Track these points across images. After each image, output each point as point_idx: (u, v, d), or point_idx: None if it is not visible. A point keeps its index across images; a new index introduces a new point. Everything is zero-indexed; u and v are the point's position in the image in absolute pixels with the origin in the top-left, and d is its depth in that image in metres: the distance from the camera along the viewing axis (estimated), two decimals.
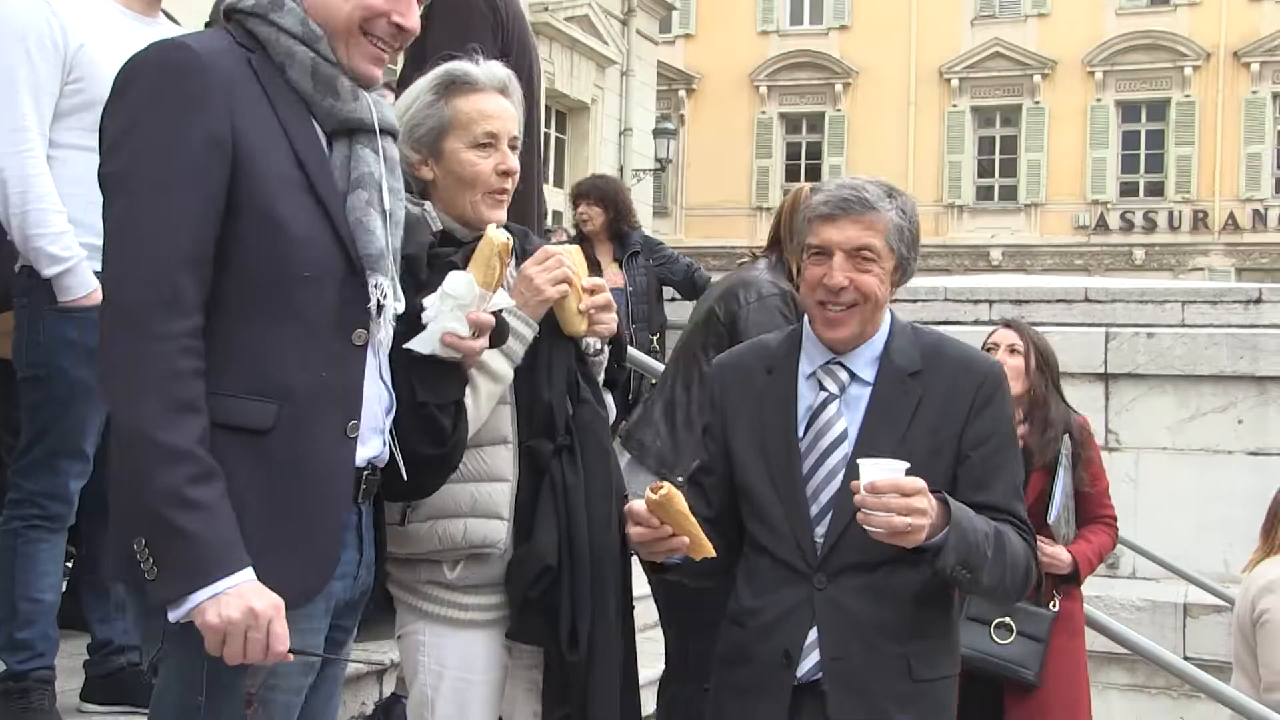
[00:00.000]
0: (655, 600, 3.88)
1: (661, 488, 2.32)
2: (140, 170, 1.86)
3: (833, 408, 2.51)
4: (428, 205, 2.51)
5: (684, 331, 4.12)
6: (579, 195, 7.49)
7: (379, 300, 1.99)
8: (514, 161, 2.54)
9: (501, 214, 2.55)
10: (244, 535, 1.83)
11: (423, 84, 2.56)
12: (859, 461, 2.31)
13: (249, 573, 1.82)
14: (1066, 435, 4.32)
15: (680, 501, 2.34)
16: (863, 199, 2.47)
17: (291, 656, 1.86)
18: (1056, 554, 4.25)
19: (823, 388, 2.53)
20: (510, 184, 2.54)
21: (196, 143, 1.86)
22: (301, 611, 1.93)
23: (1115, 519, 4.55)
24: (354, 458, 2.00)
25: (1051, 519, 4.23)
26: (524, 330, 2.50)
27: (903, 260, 2.51)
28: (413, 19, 2.05)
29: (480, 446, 2.50)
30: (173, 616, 1.81)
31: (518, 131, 2.58)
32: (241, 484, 1.86)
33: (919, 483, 2.26)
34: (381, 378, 2.08)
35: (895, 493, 2.24)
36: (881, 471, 2.27)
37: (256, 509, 1.87)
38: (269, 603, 1.82)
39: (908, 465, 2.29)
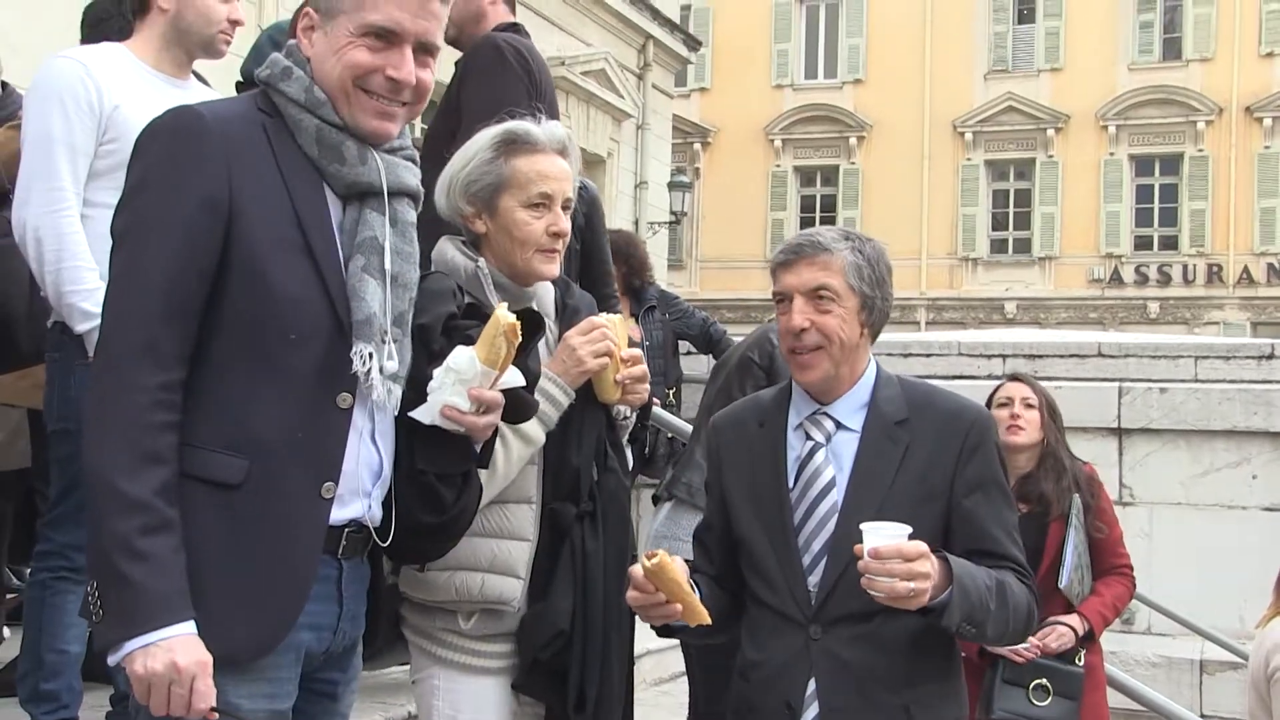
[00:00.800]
0: (685, 649, 3.93)
1: (655, 556, 2.33)
2: (140, 227, 1.93)
3: (820, 456, 2.52)
4: (482, 263, 2.56)
5: (713, 380, 4.23)
6: None
7: (364, 367, 1.99)
8: (565, 223, 2.58)
9: (554, 268, 2.60)
10: (202, 586, 1.87)
11: (484, 139, 2.59)
12: (862, 527, 2.30)
13: (187, 626, 1.84)
14: (1075, 493, 4.33)
15: (673, 570, 2.34)
16: (815, 242, 2.52)
17: (216, 715, 1.87)
18: (1068, 623, 4.23)
19: (809, 437, 2.55)
20: (561, 244, 2.58)
21: (193, 203, 1.91)
22: (267, 661, 1.96)
23: (1131, 568, 4.53)
24: (327, 518, 2.00)
25: (1063, 584, 4.21)
26: (560, 397, 2.55)
27: (867, 300, 2.51)
28: (405, 70, 2.03)
29: (505, 504, 2.54)
30: (110, 660, 1.86)
31: (572, 194, 2.62)
32: (205, 535, 1.89)
33: (922, 547, 2.27)
34: (374, 441, 2.08)
35: (898, 558, 2.24)
36: (884, 538, 2.27)
37: (218, 561, 1.90)
38: (194, 659, 1.83)
39: (910, 530, 2.29)
